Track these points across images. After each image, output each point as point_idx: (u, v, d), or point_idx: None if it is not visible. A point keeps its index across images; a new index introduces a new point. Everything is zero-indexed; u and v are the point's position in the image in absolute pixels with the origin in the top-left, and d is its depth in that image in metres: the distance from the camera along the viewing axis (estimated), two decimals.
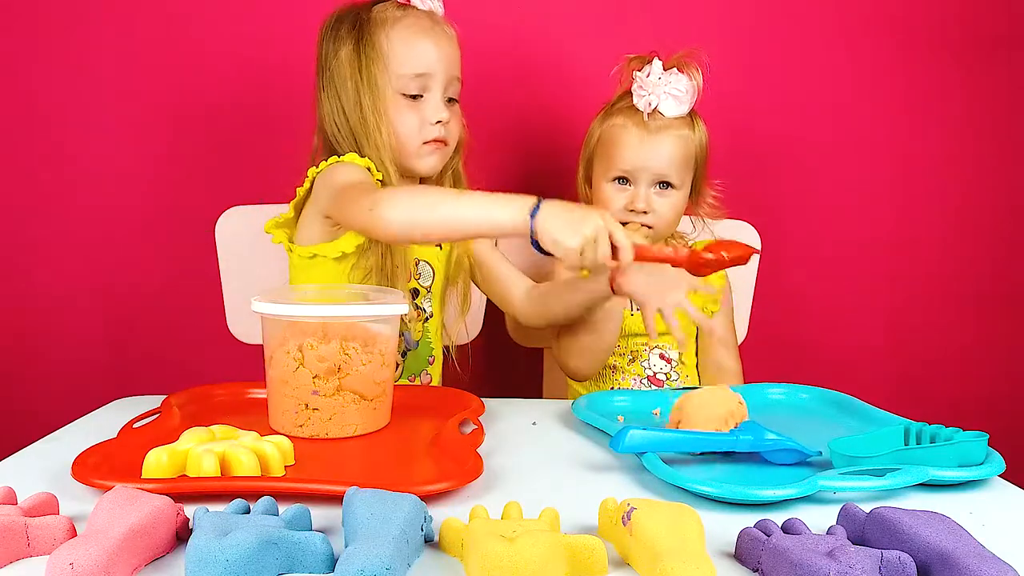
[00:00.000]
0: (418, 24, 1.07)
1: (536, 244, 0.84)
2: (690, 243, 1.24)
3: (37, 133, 1.45)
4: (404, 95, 1.06)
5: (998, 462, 0.73)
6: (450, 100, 1.10)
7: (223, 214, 1.28)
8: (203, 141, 1.43)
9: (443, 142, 1.09)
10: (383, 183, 1.04)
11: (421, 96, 1.07)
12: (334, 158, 1.05)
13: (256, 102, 1.42)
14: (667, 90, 1.12)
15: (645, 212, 1.15)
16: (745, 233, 1.34)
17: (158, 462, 0.67)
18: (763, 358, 1.37)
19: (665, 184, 1.15)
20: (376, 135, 1.05)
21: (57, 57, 1.42)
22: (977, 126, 1.52)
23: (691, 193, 1.19)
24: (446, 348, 1.19)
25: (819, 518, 0.61)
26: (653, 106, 1.12)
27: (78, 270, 1.48)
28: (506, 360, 1.16)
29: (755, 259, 1.35)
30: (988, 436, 0.74)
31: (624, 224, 1.11)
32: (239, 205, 1.29)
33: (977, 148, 1.53)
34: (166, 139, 1.45)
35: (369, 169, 1.03)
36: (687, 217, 1.25)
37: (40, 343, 1.50)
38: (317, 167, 1.04)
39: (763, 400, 0.99)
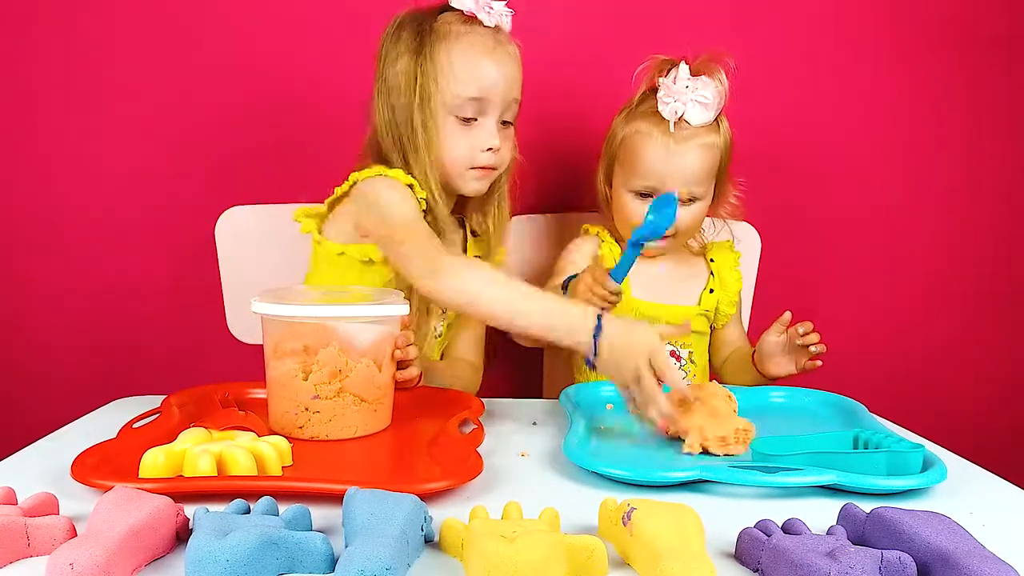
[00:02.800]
0: (481, 44, 1.02)
1: (589, 361, 0.84)
2: (706, 241, 1.24)
3: (36, 132, 1.45)
4: (458, 117, 1.02)
5: (936, 475, 0.70)
6: (505, 123, 1.06)
7: (223, 214, 1.28)
8: (204, 141, 1.43)
9: (492, 168, 1.06)
10: (427, 206, 1.02)
11: (475, 119, 1.03)
12: (380, 168, 1.01)
13: (257, 102, 1.41)
14: (693, 97, 1.08)
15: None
16: (746, 233, 1.34)
17: (155, 462, 0.67)
18: None
19: (690, 197, 1.12)
20: (424, 154, 1.02)
21: (58, 56, 1.42)
22: (979, 128, 1.52)
23: (713, 195, 1.17)
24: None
25: (819, 518, 0.61)
26: (679, 114, 1.08)
27: (78, 270, 1.48)
28: (506, 360, 1.16)
29: (756, 259, 1.35)
30: (924, 448, 0.73)
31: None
32: (239, 205, 1.29)
33: (980, 149, 1.53)
34: (166, 138, 1.44)
35: (412, 187, 1.01)
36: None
37: (40, 343, 1.50)
38: (361, 170, 1.02)
39: (764, 403, 0.98)
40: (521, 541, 0.50)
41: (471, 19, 1.02)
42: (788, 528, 0.56)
